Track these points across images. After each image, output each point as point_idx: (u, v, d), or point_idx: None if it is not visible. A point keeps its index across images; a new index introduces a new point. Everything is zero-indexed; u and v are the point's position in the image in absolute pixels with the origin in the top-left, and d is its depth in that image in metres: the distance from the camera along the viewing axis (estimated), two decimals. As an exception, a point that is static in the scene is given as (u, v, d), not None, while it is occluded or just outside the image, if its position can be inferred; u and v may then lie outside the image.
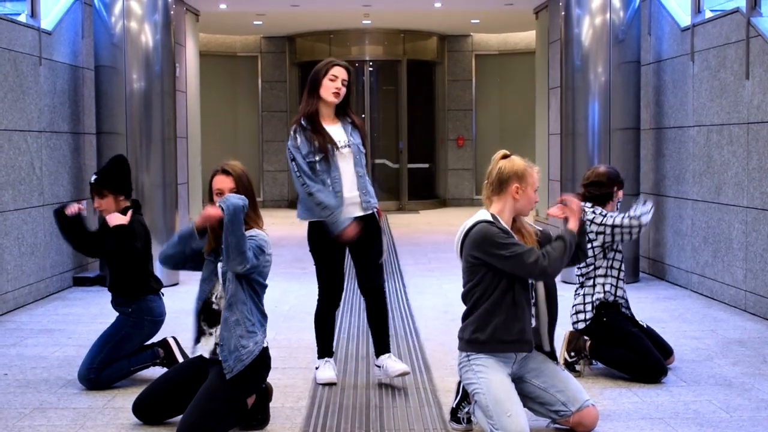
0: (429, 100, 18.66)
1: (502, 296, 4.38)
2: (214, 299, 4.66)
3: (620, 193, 5.86)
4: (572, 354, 5.65)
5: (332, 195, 5.34)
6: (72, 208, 5.57)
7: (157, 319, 5.61)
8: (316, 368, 5.62)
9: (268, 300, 4.72)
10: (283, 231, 13.91)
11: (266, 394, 4.75)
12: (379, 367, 5.52)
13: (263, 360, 4.63)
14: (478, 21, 16.76)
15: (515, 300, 4.39)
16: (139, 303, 5.50)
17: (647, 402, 5.08)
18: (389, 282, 7.77)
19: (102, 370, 5.41)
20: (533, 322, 4.53)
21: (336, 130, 5.45)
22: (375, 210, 5.54)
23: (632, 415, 4.85)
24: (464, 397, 4.59)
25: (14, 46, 7.96)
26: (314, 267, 5.63)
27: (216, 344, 4.60)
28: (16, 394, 5.29)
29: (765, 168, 7.26)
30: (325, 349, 5.62)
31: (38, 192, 8.37)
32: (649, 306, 7.84)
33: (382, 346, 5.55)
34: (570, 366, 5.59)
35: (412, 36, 17.94)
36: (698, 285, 8.50)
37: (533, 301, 4.54)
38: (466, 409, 4.58)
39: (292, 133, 5.44)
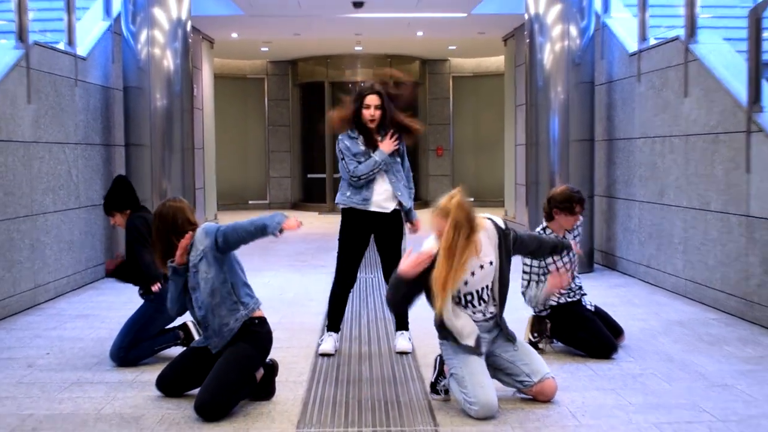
0: (412, 115, 18.61)
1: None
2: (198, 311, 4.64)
3: (565, 217, 5.56)
4: (535, 335, 5.66)
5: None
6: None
7: None
8: (321, 339, 5.76)
9: (274, 288, 4.72)
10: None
11: (273, 370, 4.75)
12: (395, 339, 5.81)
13: (267, 335, 4.66)
14: (454, 47, 16.78)
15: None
16: (159, 291, 5.52)
17: (600, 375, 5.10)
18: (378, 272, 7.79)
19: (130, 349, 5.42)
20: (492, 310, 4.58)
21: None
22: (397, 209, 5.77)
23: (588, 386, 4.88)
24: (440, 372, 4.63)
25: (54, 70, 7.95)
26: (327, 256, 5.74)
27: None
28: (57, 371, 5.30)
29: (701, 173, 7.30)
30: (333, 324, 5.77)
31: (75, 196, 8.36)
32: (602, 292, 7.87)
33: (399, 324, 5.83)
34: (534, 345, 5.60)
35: (397, 60, 17.93)
36: (644, 274, 8.54)
37: (486, 299, 4.56)
38: (442, 383, 4.61)
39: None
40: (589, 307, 5.73)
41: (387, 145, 5.64)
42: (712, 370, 5.18)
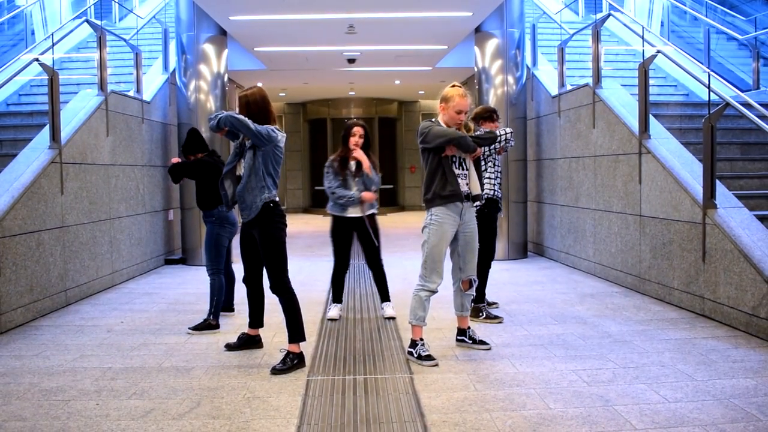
0: (392, 142, 18.63)
1: (435, 168, 4.38)
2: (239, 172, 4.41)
3: (490, 125, 5.53)
4: (481, 313, 5.53)
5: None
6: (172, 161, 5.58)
7: (232, 221, 5.51)
8: (329, 309, 5.78)
9: (290, 272, 4.65)
10: (299, 228, 13.86)
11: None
12: (382, 308, 5.77)
13: (278, 212, 4.38)
14: (423, 92, 16.76)
15: (444, 171, 4.37)
16: (216, 213, 5.41)
17: (533, 335, 5.11)
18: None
19: (219, 266, 5.37)
20: (465, 186, 4.44)
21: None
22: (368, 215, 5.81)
23: (523, 342, 4.88)
24: (413, 345, 4.50)
25: (126, 111, 7.90)
26: (331, 248, 5.80)
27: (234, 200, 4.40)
28: (128, 335, 5.26)
29: (606, 184, 7.32)
30: (336, 296, 5.80)
31: (141, 204, 8.29)
32: (534, 273, 7.88)
33: (384, 297, 5.80)
34: (494, 317, 5.52)
35: (381, 102, 17.92)
36: (565, 259, 8.56)
37: (465, 172, 4.45)
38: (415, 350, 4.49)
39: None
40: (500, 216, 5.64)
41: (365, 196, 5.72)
42: (615, 330, 5.20)
